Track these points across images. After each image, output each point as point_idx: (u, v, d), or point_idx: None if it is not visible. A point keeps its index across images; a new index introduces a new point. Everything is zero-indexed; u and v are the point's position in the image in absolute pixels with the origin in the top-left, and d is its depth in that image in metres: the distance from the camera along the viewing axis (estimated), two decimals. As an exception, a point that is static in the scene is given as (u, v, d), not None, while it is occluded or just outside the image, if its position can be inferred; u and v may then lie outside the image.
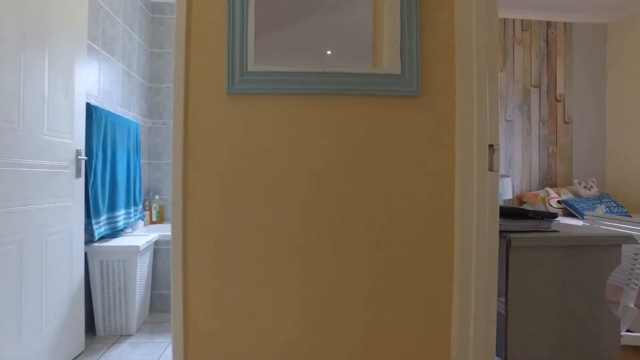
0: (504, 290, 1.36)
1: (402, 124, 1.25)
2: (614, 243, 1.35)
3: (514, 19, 3.94)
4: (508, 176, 3.59)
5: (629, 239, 1.35)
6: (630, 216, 3.23)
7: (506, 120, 3.90)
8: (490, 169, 1.25)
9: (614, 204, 3.27)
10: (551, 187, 3.86)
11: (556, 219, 1.34)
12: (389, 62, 1.24)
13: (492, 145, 1.26)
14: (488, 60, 1.24)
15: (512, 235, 1.28)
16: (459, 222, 1.24)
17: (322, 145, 1.22)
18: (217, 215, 1.21)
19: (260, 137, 1.22)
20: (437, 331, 1.25)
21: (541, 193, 3.57)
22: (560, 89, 3.99)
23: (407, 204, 1.24)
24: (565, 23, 4.03)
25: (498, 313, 1.31)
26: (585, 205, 3.22)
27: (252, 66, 1.21)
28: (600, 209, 1.81)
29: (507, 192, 3.53)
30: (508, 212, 1.33)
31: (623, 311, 1.60)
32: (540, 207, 3.52)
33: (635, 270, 1.56)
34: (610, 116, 4.01)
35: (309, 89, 1.21)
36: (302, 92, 1.22)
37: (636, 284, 1.57)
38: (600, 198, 3.34)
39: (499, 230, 1.25)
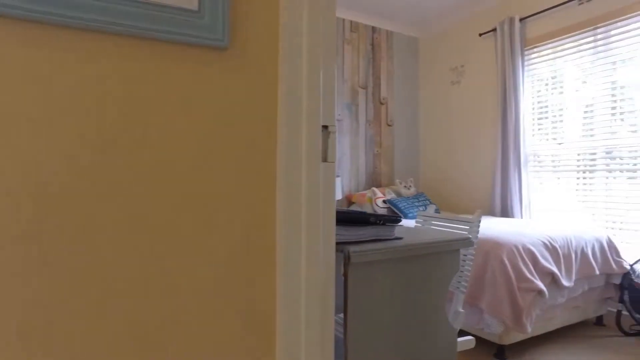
0: (342, 310, 1.05)
1: (197, 90, 0.81)
2: (455, 248, 1.18)
3: (343, 19, 3.94)
4: (339, 176, 3.53)
5: (467, 242, 1.20)
6: (439, 213, 3.50)
7: (336, 119, 3.86)
8: (325, 159, 0.92)
9: (429, 202, 3.51)
10: (377, 187, 3.98)
11: (399, 224, 1.11)
12: (178, -14, 0.79)
13: (326, 127, 0.93)
14: (326, 6, 0.90)
15: (351, 248, 0.98)
16: (283, 233, 0.87)
17: (48, 128, 0.69)
18: None
19: None
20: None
21: (368, 193, 3.62)
22: (383, 93, 4.16)
23: (203, 211, 0.81)
24: (387, 31, 4.23)
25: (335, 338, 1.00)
26: (406, 204, 3.36)
27: None
28: (431, 208, 1.72)
29: (338, 192, 3.45)
30: (344, 218, 1.03)
31: (453, 316, 1.51)
32: (367, 207, 3.56)
33: (465, 272, 1.48)
34: (422, 122, 4.38)
35: (20, 10, 0.66)
36: (9, 14, 0.66)
37: (465, 287, 1.48)
38: (417, 197, 3.54)
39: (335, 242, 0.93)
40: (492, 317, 1.99)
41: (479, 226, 1.45)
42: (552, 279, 2.13)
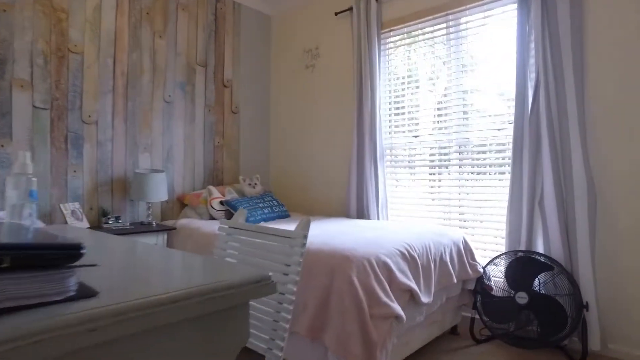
0: None
1: None
2: (236, 302, 0.57)
3: (177, -22, 3.13)
4: (163, 171, 2.72)
5: (265, 287, 0.60)
6: (288, 216, 2.97)
7: (165, 101, 3.03)
8: None
9: (276, 203, 2.94)
10: (218, 184, 3.28)
11: (79, 261, 0.44)
12: None
13: None
14: None
15: None
16: None
17: None
18: None
19: None
20: None
21: (204, 193, 2.90)
22: (228, 74, 3.48)
23: None
24: (234, 2, 3.56)
25: None
26: (248, 205, 2.73)
27: None
28: (241, 214, 1.09)
29: (161, 191, 2.64)
30: None
31: (268, 395, 0.90)
32: (202, 210, 2.83)
33: (281, 323, 0.89)
34: (272, 110, 3.82)
35: None
36: None
37: (282, 348, 0.89)
38: (262, 197, 2.94)
39: None
40: (339, 358, 1.48)
41: (304, 244, 0.88)
42: (410, 297, 1.72)
